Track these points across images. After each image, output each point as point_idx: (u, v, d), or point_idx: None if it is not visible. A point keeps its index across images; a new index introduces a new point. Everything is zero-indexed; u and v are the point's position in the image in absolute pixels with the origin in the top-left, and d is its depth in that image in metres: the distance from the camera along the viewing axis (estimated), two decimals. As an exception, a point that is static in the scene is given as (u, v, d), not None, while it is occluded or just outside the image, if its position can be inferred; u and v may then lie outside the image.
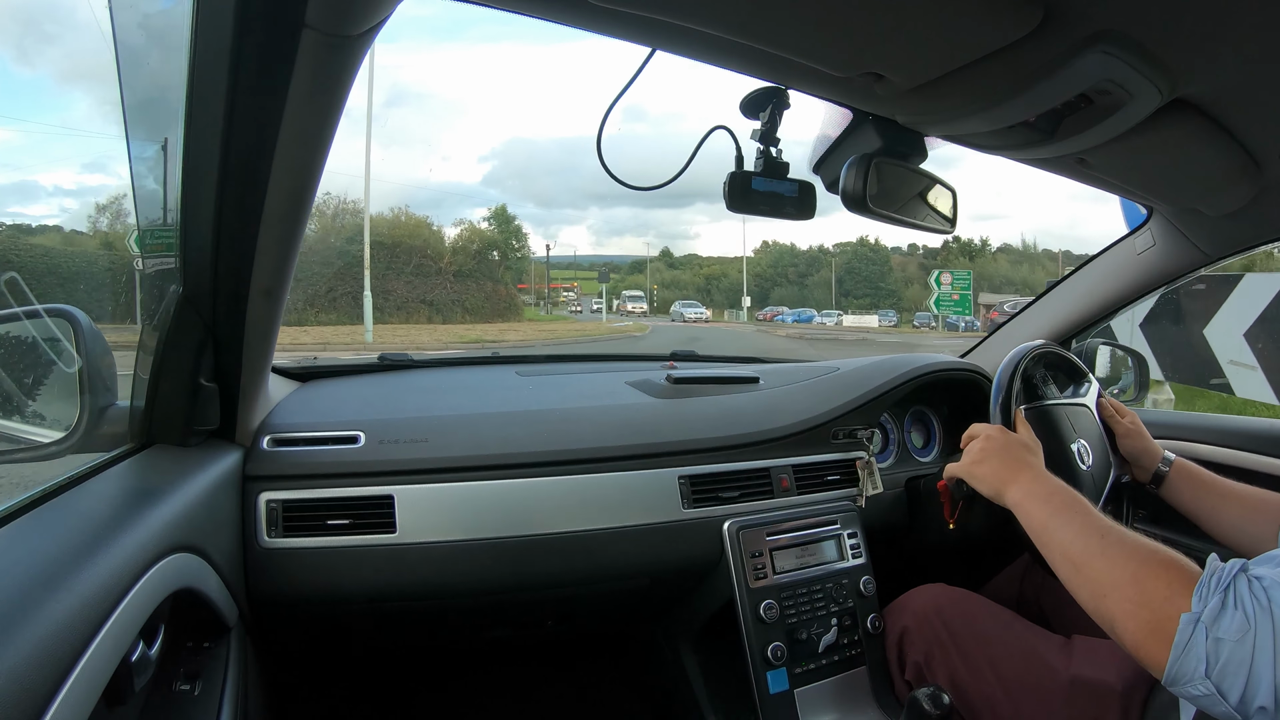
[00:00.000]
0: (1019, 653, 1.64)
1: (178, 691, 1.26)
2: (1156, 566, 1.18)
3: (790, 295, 71.05)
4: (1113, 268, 2.49)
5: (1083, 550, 1.29)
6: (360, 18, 1.04)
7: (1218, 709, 1.05)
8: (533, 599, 1.88)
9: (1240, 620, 1.03)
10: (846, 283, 71.70)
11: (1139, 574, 1.19)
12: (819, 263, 76.79)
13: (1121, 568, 1.21)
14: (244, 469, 1.65)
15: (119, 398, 1.51)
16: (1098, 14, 1.10)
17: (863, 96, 1.43)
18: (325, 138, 1.23)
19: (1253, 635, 1.02)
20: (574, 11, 1.13)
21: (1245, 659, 1.02)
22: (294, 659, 2.08)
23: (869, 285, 71.41)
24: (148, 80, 1.28)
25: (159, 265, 1.50)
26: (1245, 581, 1.08)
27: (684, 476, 1.96)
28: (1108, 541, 1.27)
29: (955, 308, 45.02)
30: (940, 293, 44.13)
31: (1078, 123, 1.41)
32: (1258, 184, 1.78)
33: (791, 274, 76.86)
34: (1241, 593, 1.06)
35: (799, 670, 1.90)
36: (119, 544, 1.01)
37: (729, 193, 1.52)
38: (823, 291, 68.60)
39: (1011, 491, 1.51)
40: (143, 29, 1.25)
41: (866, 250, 74.06)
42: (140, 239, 1.48)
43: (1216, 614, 1.06)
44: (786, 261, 79.75)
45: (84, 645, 0.84)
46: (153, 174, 1.38)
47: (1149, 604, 1.15)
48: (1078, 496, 1.41)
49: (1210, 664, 1.04)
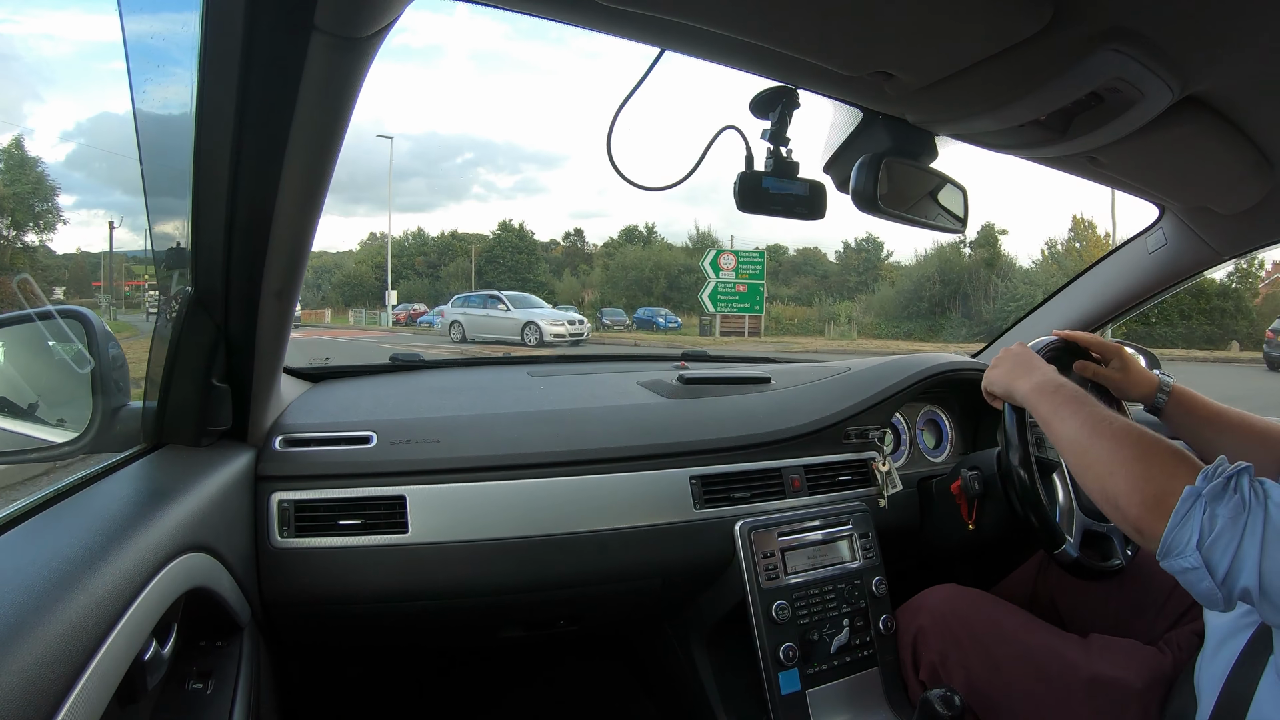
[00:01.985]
0: (1037, 652, 1.64)
1: (190, 690, 1.26)
2: (1163, 449, 1.23)
3: (420, 288, 64.68)
4: (1124, 266, 2.48)
5: (1091, 434, 1.33)
6: (369, 20, 1.04)
7: (1202, 584, 1.10)
8: (544, 599, 1.88)
9: (1237, 503, 1.09)
10: (488, 273, 64.73)
11: (1145, 453, 1.23)
12: (453, 250, 69.56)
13: (1129, 448, 1.26)
14: (256, 469, 1.66)
15: (131, 398, 1.52)
16: (1108, 11, 1.10)
17: (873, 96, 1.43)
18: (335, 140, 1.24)
19: (1245, 518, 1.07)
20: (582, 12, 1.13)
21: (1234, 539, 1.07)
22: (306, 658, 2.09)
23: (514, 276, 63.85)
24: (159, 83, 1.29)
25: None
26: (1248, 478, 1.12)
27: (695, 477, 1.96)
28: (1115, 426, 1.31)
29: (739, 303, 29.75)
30: (717, 281, 28.85)
31: (1089, 121, 1.41)
32: (1270, 182, 1.78)
33: (420, 264, 69.29)
34: (1243, 483, 1.11)
35: (811, 671, 1.90)
36: (132, 544, 1.01)
37: (739, 193, 1.52)
38: (460, 284, 61.61)
39: (1020, 385, 1.56)
40: (153, 32, 1.26)
41: (512, 237, 67.85)
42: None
43: (1218, 493, 1.10)
44: (413, 250, 71.78)
45: (97, 644, 0.85)
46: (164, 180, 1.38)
47: (1153, 479, 1.19)
48: (1085, 393, 1.45)
49: (1203, 536, 1.09)
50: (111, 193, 35.14)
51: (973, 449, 2.60)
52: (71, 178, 72.06)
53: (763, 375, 2.45)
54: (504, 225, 68.17)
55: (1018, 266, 44.05)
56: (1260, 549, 1.05)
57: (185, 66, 1.12)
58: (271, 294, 1.43)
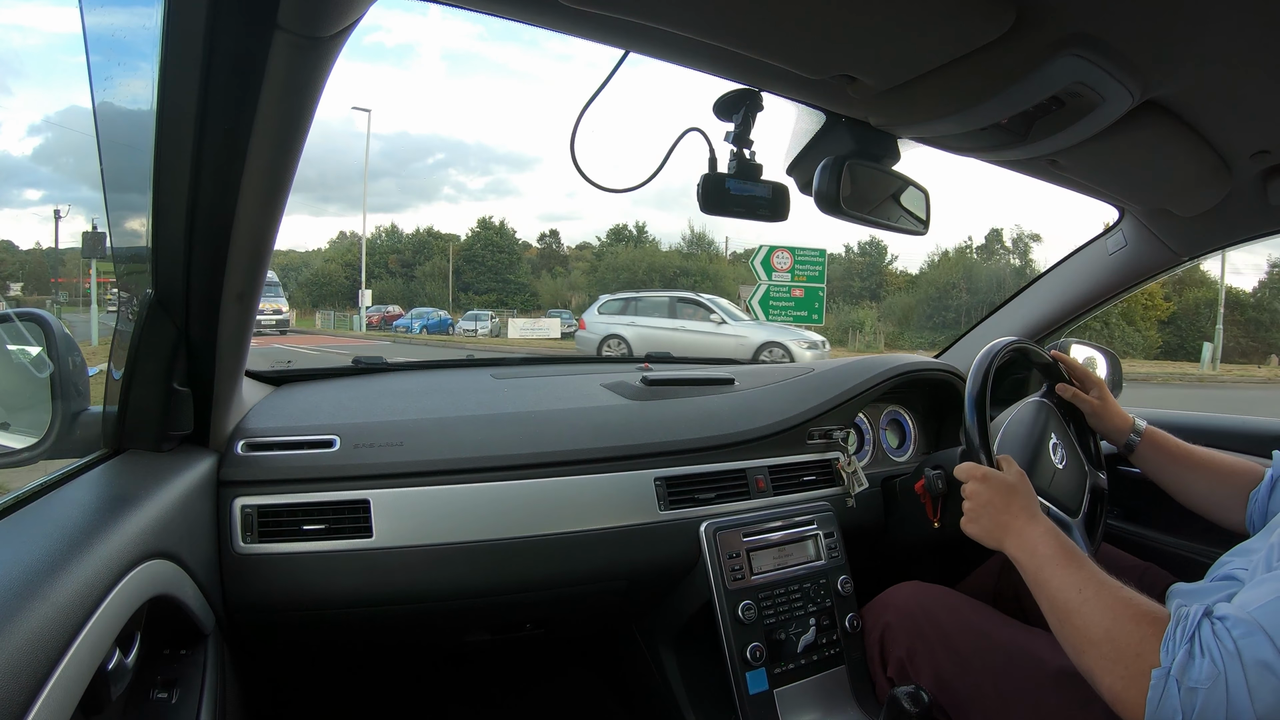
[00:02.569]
0: (1004, 645, 1.65)
1: (155, 700, 1.25)
2: (1128, 622, 1.21)
3: (394, 289, 61.96)
4: (1085, 268, 2.51)
5: (1063, 605, 1.33)
6: (332, 19, 1.04)
7: None
8: (510, 602, 1.87)
9: (1209, 667, 1.07)
10: (466, 273, 62.67)
11: (1112, 630, 1.23)
12: (428, 248, 66.45)
13: (1096, 624, 1.25)
14: (218, 474, 1.64)
15: (91, 403, 1.50)
16: (1070, 17, 1.11)
17: (835, 98, 1.44)
18: (297, 141, 1.23)
19: (1224, 680, 1.06)
20: (546, 13, 1.13)
21: (1220, 702, 1.06)
22: (272, 665, 2.07)
23: (494, 277, 63.15)
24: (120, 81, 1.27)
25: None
26: (1209, 626, 1.11)
27: (660, 478, 1.96)
28: (1084, 597, 1.30)
29: (795, 310, 22.53)
30: (770, 283, 22.35)
31: (1050, 124, 1.42)
32: (1228, 185, 1.81)
33: (394, 262, 66.50)
34: (1207, 640, 1.10)
35: (778, 670, 1.90)
36: (93, 551, 1.00)
37: (703, 194, 1.53)
38: (436, 285, 60.87)
39: (1008, 545, 1.52)
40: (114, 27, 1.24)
41: (492, 235, 65.03)
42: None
43: (1185, 665, 1.10)
44: (386, 248, 68.96)
45: (59, 654, 0.83)
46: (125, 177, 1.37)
47: (1122, 659, 1.19)
48: (1062, 546, 1.43)
49: (1186, 713, 1.08)
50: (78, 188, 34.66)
51: (935, 448, 2.62)
52: (38, 172, 71.12)
53: (726, 376, 2.46)
54: (483, 223, 65.99)
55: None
56: (1249, 695, 1.05)
57: (147, 63, 1.11)
58: (233, 296, 1.41)
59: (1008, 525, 1.53)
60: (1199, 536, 2.05)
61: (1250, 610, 1.10)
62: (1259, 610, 1.10)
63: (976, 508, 1.61)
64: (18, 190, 73.76)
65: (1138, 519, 2.38)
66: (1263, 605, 1.10)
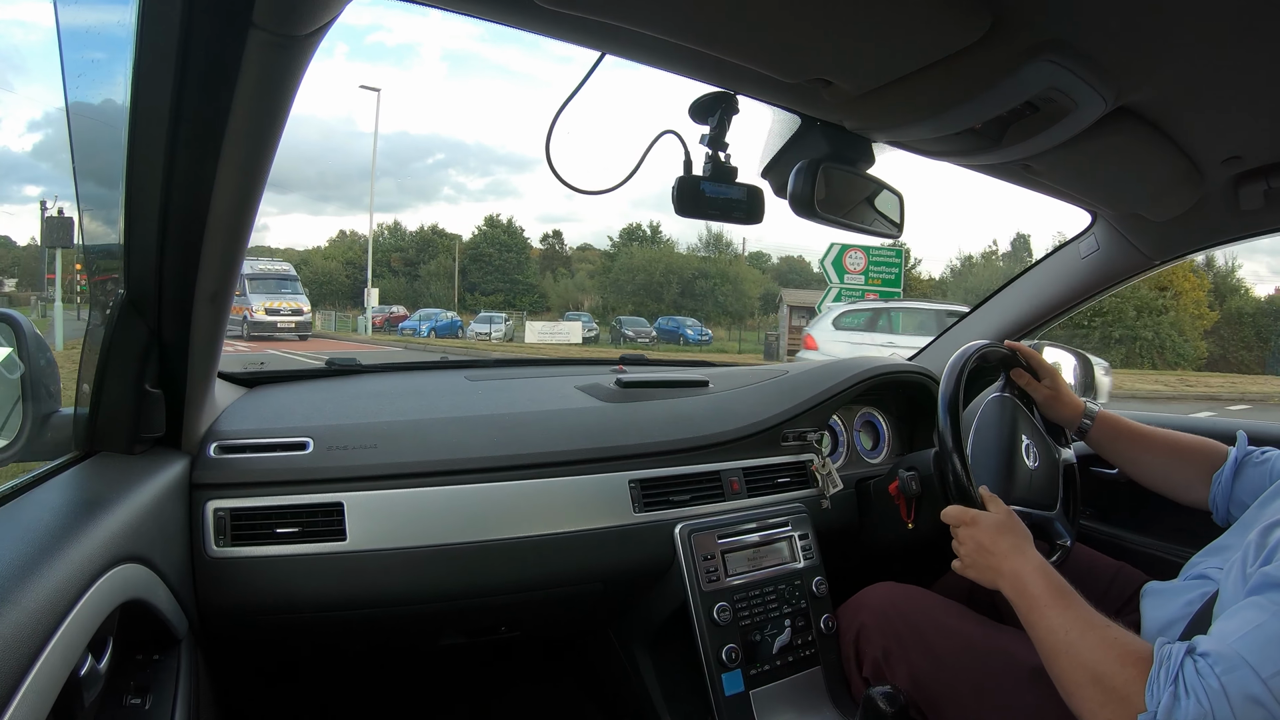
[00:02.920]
0: (978, 644, 1.66)
1: (128, 706, 1.23)
2: (1114, 664, 1.22)
3: (398, 288, 59.75)
4: (1057, 271, 2.53)
5: (1052, 647, 1.34)
6: (308, 18, 1.03)
7: None
8: (485, 605, 1.86)
9: (1194, 708, 1.07)
10: (473, 273, 61.80)
11: (1098, 673, 1.24)
12: (433, 247, 65.30)
13: (1083, 668, 1.27)
14: (191, 477, 1.62)
15: (62, 405, 1.49)
16: (1044, 24, 1.12)
17: (811, 102, 1.44)
18: (272, 140, 1.22)
19: (1211, 719, 1.06)
20: (522, 14, 1.13)
21: None
22: (246, 669, 2.06)
23: (501, 277, 61.37)
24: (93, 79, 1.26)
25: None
26: (1192, 665, 1.12)
27: (634, 480, 1.96)
28: (1070, 639, 1.31)
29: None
30: (842, 287, 20.28)
31: (1024, 129, 1.44)
32: (1199, 190, 1.83)
33: (397, 261, 65.71)
34: (1191, 680, 1.10)
35: (754, 672, 1.91)
36: (65, 555, 0.99)
37: (678, 197, 1.53)
38: (441, 284, 59.00)
39: (1002, 586, 1.53)
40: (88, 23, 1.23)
41: (499, 233, 63.05)
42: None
43: (1170, 708, 1.10)
44: (389, 245, 66.56)
45: (31, 660, 0.83)
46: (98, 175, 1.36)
47: (1109, 703, 1.20)
48: (1051, 585, 1.44)
49: None
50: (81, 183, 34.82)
51: (909, 450, 2.63)
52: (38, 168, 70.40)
53: (701, 378, 2.46)
54: (491, 221, 64.67)
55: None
56: None
57: (121, 60, 1.10)
58: (206, 297, 1.40)
59: (999, 568, 1.54)
60: (1171, 536, 2.07)
61: (1230, 643, 1.11)
62: (1239, 642, 1.10)
63: (969, 553, 1.62)
64: (17, 186, 73.41)
65: (1111, 519, 2.40)
66: (1242, 636, 1.11)
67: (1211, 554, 1.57)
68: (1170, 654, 1.15)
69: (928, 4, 1.06)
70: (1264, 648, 1.08)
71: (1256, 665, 1.07)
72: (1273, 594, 1.13)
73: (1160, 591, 1.60)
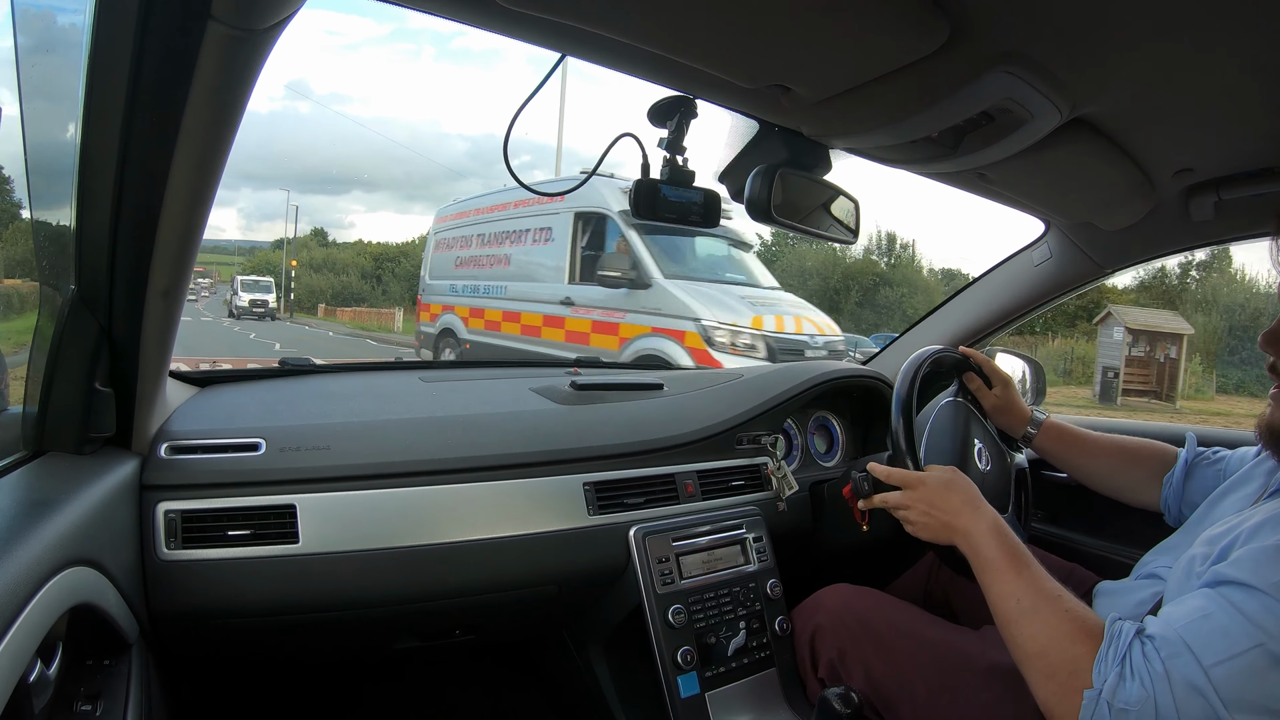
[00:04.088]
0: (933, 644, 1.67)
1: (79, 712, 1.21)
2: (1064, 639, 1.24)
3: None
4: (1010, 278, 2.56)
5: (1004, 614, 1.36)
6: (267, 11, 1.02)
7: None
8: (439, 608, 1.85)
9: (1138, 690, 1.10)
10: None
11: (1047, 646, 1.25)
12: None
13: (1033, 637, 1.28)
14: (141, 478, 1.59)
15: (10, 403, 1.46)
16: (1002, 35, 1.13)
17: (769, 108, 1.45)
18: (228, 135, 1.20)
19: (1153, 703, 1.09)
20: (482, 14, 1.13)
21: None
22: (198, 674, 2.03)
23: None
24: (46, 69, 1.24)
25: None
26: (1139, 647, 1.14)
27: (589, 483, 1.95)
28: (1022, 608, 1.33)
29: None
30: None
31: (980, 139, 1.45)
32: (1151, 201, 1.86)
33: None
34: (1136, 661, 1.13)
35: (709, 674, 1.91)
36: (12, 558, 0.97)
37: (635, 200, 1.54)
38: None
39: (958, 544, 1.55)
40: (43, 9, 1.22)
41: None
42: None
43: (1115, 687, 1.12)
44: None
45: None
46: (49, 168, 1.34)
47: (1056, 675, 1.22)
48: (1005, 548, 1.45)
49: None
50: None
51: (863, 453, 2.65)
52: None
53: (655, 381, 2.47)
54: None
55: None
56: (1178, 716, 1.08)
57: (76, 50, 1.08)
58: (158, 293, 1.37)
59: (953, 524, 1.55)
60: (1120, 538, 2.10)
61: (1176, 628, 1.13)
62: (1184, 628, 1.13)
63: (920, 514, 1.63)
64: (6, 184, 72.06)
65: (1062, 522, 2.43)
66: (1189, 624, 1.13)
67: (1161, 553, 1.59)
68: (1120, 631, 1.17)
69: (887, 13, 1.06)
70: (1209, 636, 1.10)
71: (1199, 653, 1.09)
72: (1225, 589, 1.15)
73: (1112, 591, 1.62)
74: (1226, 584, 1.15)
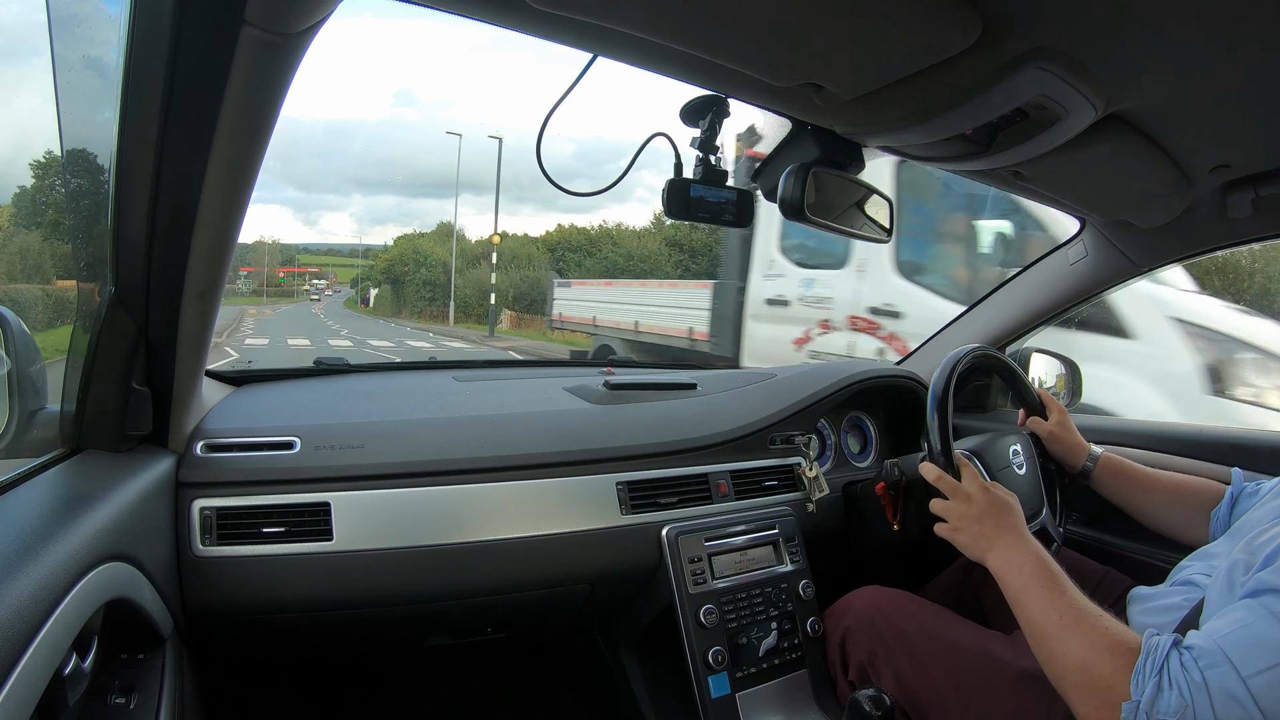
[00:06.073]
0: (964, 648, 1.66)
1: (113, 705, 1.23)
2: (1103, 653, 1.23)
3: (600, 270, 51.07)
4: (1046, 277, 2.53)
5: (1042, 631, 1.35)
6: (300, 15, 1.03)
7: None
8: (471, 606, 1.86)
9: (1177, 700, 1.09)
10: None
11: (1086, 660, 1.25)
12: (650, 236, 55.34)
13: (1072, 653, 1.28)
14: (177, 475, 1.61)
15: (49, 401, 1.48)
16: (1035, 31, 1.12)
17: (802, 107, 1.44)
18: (262, 138, 1.21)
19: (1191, 712, 1.07)
20: (514, 15, 1.13)
21: None
22: (231, 669, 2.05)
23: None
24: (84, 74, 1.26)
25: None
26: (1178, 657, 1.13)
27: (622, 482, 1.96)
28: (1064, 624, 1.32)
29: None
30: None
31: (1013, 136, 1.44)
32: (1187, 198, 1.83)
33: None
34: (1175, 672, 1.11)
35: (740, 674, 1.90)
36: (49, 553, 0.98)
37: (667, 199, 1.54)
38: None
39: (991, 560, 1.55)
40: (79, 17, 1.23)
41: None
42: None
43: (1154, 698, 1.11)
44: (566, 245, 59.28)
45: (15, 658, 0.82)
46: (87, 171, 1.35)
47: (1095, 690, 1.21)
48: (1045, 567, 1.45)
49: None
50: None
51: (897, 454, 2.63)
52: None
53: (689, 381, 2.46)
54: None
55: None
56: None
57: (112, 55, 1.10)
58: (194, 294, 1.39)
59: (995, 540, 1.56)
60: (1157, 541, 2.08)
61: (1216, 639, 1.12)
62: (1224, 639, 1.12)
63: (967, 516, 1.63)
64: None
65: (1097, 524, 2.41)
66: (1228, 634, 1.12)
67: (1200, 559, 1.58)
68: (1158, 645, 1.16)
69: (919, 11, 1.06)
70: (1248, 647, 1.09)
71: (1238, 663, 1.08)
72: (1266, 598, 1.14)
73: (1147, 597, 1.60)
74: (1268, 592, 1.14)
